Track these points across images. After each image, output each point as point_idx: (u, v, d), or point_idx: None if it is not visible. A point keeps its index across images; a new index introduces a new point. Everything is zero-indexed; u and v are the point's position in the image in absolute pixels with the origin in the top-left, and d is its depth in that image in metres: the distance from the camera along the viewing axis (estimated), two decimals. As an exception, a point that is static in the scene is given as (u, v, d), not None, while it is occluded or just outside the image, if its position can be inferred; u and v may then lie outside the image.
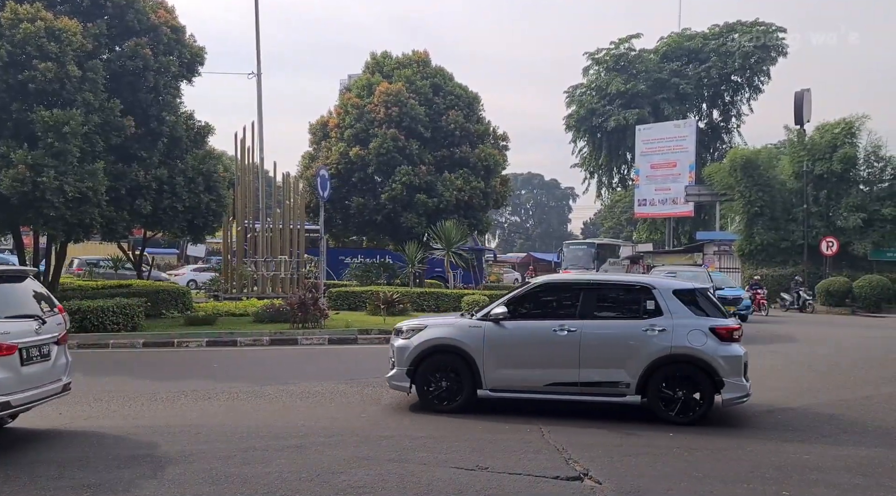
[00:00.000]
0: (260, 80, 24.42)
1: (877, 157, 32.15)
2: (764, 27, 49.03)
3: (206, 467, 5.50)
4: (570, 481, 5.25)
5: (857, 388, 9.83)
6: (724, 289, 22.13)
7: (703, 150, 50.69)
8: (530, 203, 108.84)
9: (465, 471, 5.45)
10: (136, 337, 13.82)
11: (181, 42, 18.04)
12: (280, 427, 7.00)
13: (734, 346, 7.39)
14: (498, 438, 6.56)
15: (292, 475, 5.30)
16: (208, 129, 19.63)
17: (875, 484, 5.28)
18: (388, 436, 6.60)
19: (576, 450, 6.10)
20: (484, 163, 27.87)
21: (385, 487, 5.04)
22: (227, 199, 19.89)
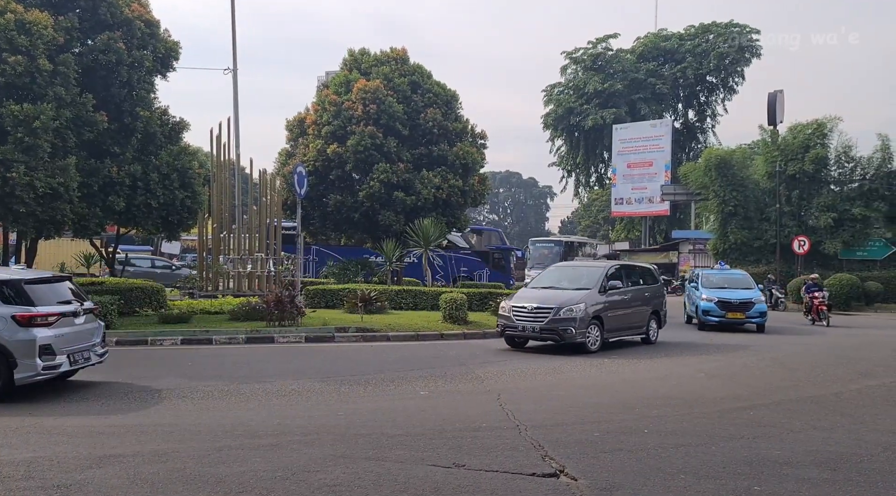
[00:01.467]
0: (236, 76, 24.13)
1: (847, 157, 32.77)
2: (738, 28, 49.74)
3: (179, 466, 5.44)
4: (546, 478, 5.28)
5: (827, 385, 10.01)
6: (729, 290, 19.25)
7: (679, 150, 51.29)
8: (508, 201, 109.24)
9: (442, 469, 5.45)
10: (109, 335, 13.54)
11: (155, 36, 17.81)
12: (255, 425, 6.95)
13: (32, 331, 7.97)
14: (475, 436, 6.57)
15: (267, 474, 5.26)
16: (183, 124, 19.41)
17: (843, 478, 5.38)
18: (364, 434, 6.58)
19: (552, 447, 6.13)
20: (462, 161, 27.88)
21: (361, 486, 5.02)
22: (203, 196, 19.69)
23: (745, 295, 18.97)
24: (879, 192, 31.90)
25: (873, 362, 12.57)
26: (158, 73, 18.36)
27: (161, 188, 17.48)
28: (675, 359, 12.78)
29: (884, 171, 32.19)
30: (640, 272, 15.79)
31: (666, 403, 8.47)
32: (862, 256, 31.83)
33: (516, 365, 11.53)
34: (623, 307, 14.04)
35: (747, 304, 18.61)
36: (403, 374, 10.34)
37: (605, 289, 13.50)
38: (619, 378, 10.57)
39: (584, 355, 12.82)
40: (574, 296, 13.15)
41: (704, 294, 19.20)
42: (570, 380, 10.23)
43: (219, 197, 20.85)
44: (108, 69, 16.17)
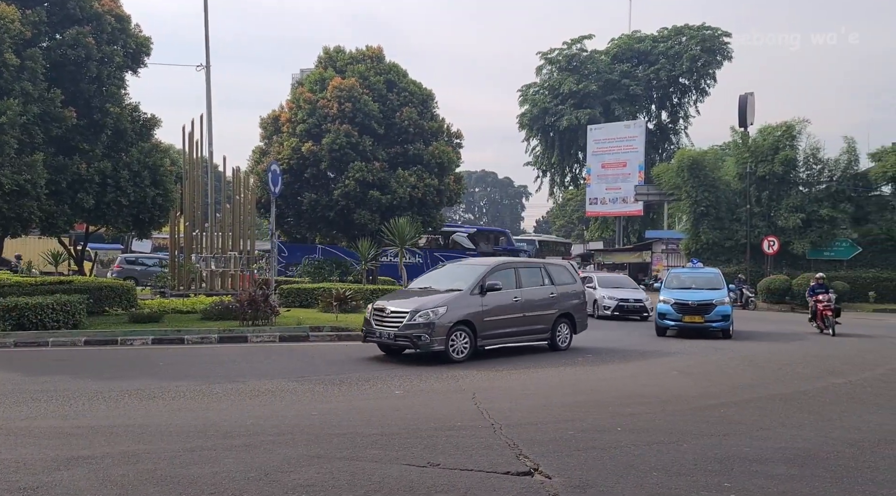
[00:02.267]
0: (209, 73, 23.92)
1: (815, 159, 33.42)
2: (710, 31, 50.42)
3: (150, 468, 5.36)
4: (520, 476, 5.30)
5: (795, 383, 10.20)
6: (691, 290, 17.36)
7: (652, 151, 51.85)
8: (484, 201, 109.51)
9: (417, 468, 5.45)
10: (77, 335, 13.38)
11: (126, 32, 17.56)
12: (228, 426, 6.88)
13: None
14: (450, 435, 6.57)
15: (240, 475, 5.21)
16: (155, 121, 19.16)
17: (810, 474, 5.49)
18: (339, 434, 6.55)
19: (527, 445, 6.16)
20: (438, 160, 27.90)
21: (336, 486, 5.00)
22: (175, 194, 19.46)
23: (706, 296, 16.90)
24: (846, 194, 32.59)
25: (841, 360, 12.83)
26: (129, 69, 18.11)
27: (132, 185, 17.22)
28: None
29: (850, 173, 32.89)
30: (547, 271, 13.70)
31: (639, 401, 8.56)
32: (829, 256, 32.48)
33: (491, 364, 11.56)
34: (512, 310, 12.42)
35: (706, 307, 16.55)
36: (378, 373, 10.31)
37: (483, 291, 11.95)
38: (593, 376, 10.65)
39: (560, 354, 12.90)
40: (438, 298, 11.70)
41: (662, 295, 17.52)
42: (545, 379, 10.28)
43: (191, 195, 20.62)
44: (77, 64, 15.89)
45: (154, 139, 19.65)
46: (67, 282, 17.72)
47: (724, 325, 16.53)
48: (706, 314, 16.47)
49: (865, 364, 12.30)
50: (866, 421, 7.67)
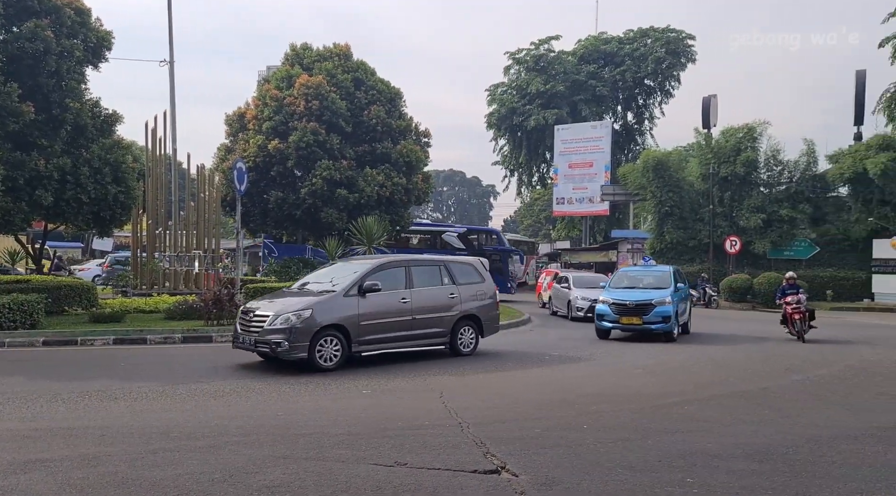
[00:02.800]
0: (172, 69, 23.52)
1: (776, 161, 34.17)
2: (675, 34, 51.17)
3: (111, 470, 5.25)
4: (487, 474, 5.32)
5: (756, 381, 10.41)
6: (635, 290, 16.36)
7: (619, 151, 52.43)
8: (452, 200, 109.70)
9: (384, 468, 5.43)
10: (35, 335, 13.05)
11: (86, 25, 17.17)
12: (192, 427, 6.77)
13: None
14: (418, 434, 6.57)
15: (205, 476, 5.14)
16: (116, 117, 18.78)
17: (770, 469, 5.61)
18: (305, 434, 6.49)
19: (495, 443, 6.18)
20: (406, 159, 27.86)
21: (302, 486, 4.96)
22: (137, 191, 19.10)
23: (646, 296, 15.73)
24: (805, 195, 33.38)
25: (800, 358, 13.14)
26: (89, 64, 17.71)
27: (92, 182, 16.85)
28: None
29: (809, 175, 33.70)
30: (448, 269, 12.45)
31: (604, 399, 8.67)
32: (789, 256, 33.24)
33: (458, 363, 11.58)
34: (398, 313, 11.31)
35: (645, 307, 15.37)
36: (345, 373, 10.25)
37: (361, 292, 10.84)
38: (559, 375, 10.74)
39: (531, 352, 12.97)
40: (304, 301, 10.75)
41: (602, 295, 16.66)
42: (512, 378, 10.34)
43: (154, 192, 20.27)
44: (35, 58, 15.49)
45: (116, 135, 19.25)
46: (25, 281, 17.26)
47: (664, 327, 15.30)
48: (644, 315, 15.32)
49: (824, 361, 12.61)
50: (824, 417, 7.87)
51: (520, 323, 19.32)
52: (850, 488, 5.15)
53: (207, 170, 23.25)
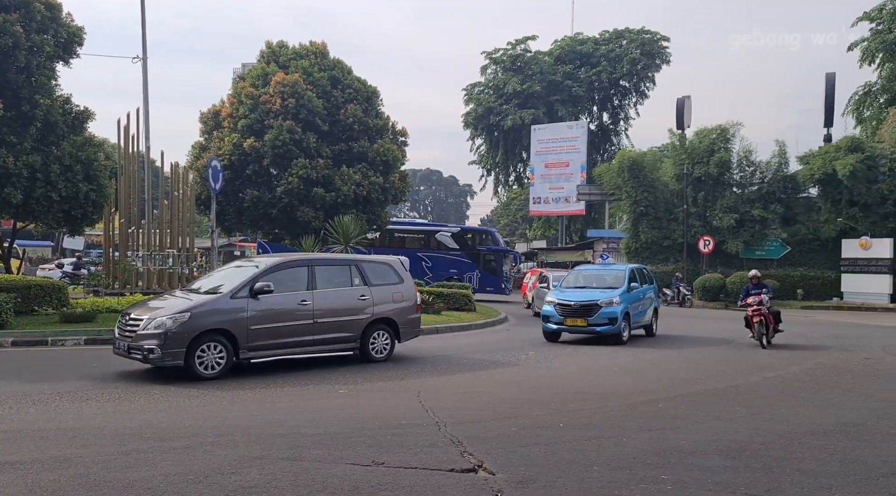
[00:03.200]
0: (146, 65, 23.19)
1: (748, 161, 34.68)
2: (650, 35, 51.72)
3: (82, 472, 5.18)
4: (464, 473, 5.34)
5: (727, 378, 10.56)
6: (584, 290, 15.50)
7: (594, 151, 52.84)
8: (429, 199, 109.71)
9: (361, 467, 5.42)
10: (4, 335, 12.78)
11: (57, 20, 16.86)
12: (166, 428, 6.69)
13: None
14: (395, 433, 6.56)
15: (179, 477, 5.08)
16: (88, 114, 18.48)
17: (742, 465, 5.70)
18: (281, 434, 6.45)
19: (472, 442, 6.20)
20: (383, 158, 27.79)
21: (278, 487, 4.93)
22: (109, 190, 18.83)
23: (593, 296, 14.92)
24: (776, 195, 33.93)
25: (771, 355, 13.35)
26: (60, 60, 17.40)
27: (63, 180, 16.57)
28: None
29: (780, 176, 34.26)
30: (360, 269, 11.50)
31: (580, 398, 8.73)
32: (761, 255, 33.75)
33: (436, 363, 11.59)
34: (297, 316, 10.42)
35: (589, 308, 14.60)
36: (322, 373, 10.21)
37: (252, 294, 9.94)
38: (535, 374, 10.80)
39: (508, 351, 13.01)
40: (182, 303, 9.92)
41: (549, 295, 15.98)
42: (489, 376, 10.37)
43: (127, 190, 19.98)
44: (3, 53, 15.18)
45: (87, 132, 18.94)
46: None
47: (610, 329, 14.49)
48: (589, 316, 14.52)
49: (793, 359, 12.84)
50: (794, 413, 8.01)
51: (494, 323, 19.30)
52: (819, 483, 5.25)
53: (182, 168, 22.98)
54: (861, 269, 30.58)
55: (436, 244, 32.13)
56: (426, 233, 33.63)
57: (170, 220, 20.40)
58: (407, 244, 32.69)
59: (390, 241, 32.30)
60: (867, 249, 30.31)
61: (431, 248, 31.80)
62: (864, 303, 29.59)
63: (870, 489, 5.15)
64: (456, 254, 31.46)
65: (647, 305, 16.60)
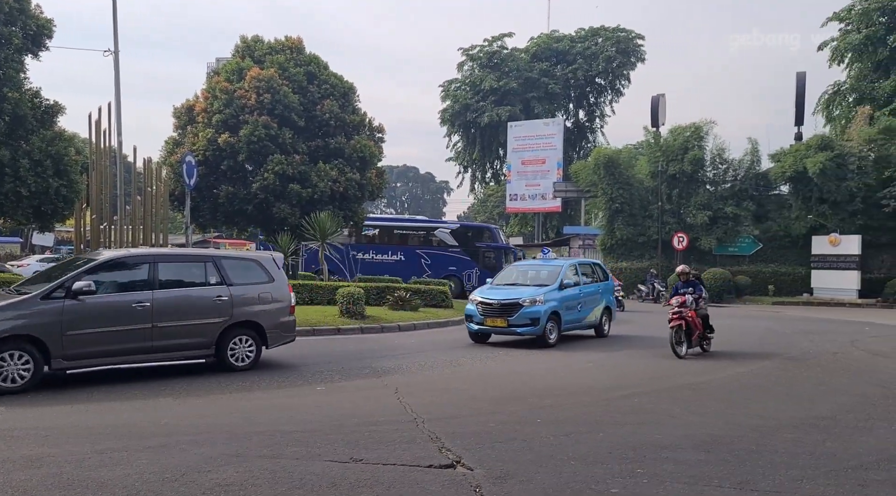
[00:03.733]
0: (117, 59, 22.79)
1: (721, 159, 35.14)
2: (625, 33, 52.10)
3: (55, 471, 5.10)
4: (443, 469, 5.36)
5: (700, 374, 10.70)
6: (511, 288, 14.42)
7: (570, 148, 53.13)
8: (406, 196, 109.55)
9: (339, 464, 5.41)
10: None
11: (25, 12, 16.54)
12: (142, 426, 6.62)
13: None
14: (373, 430, 6.56)
15: (154, 476, 5.03)
16: (58, 108, 18.16)
17: (716, 458, 5.79)
18: (259, 432, 6.41)
19: (450, 438, 6.22)
20: (360, 154, 27.66)
21: (256, 484, 4.90)
22: (80, 185, 18.52)
23: (517, 294, 13.77)
24: (749, 193, 34.45)
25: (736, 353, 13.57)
26: (29, 52, 17.07)
27: (32, 175, 16.27)
28: None
29: (752, 173, 34.78)
30: (218, 266, 10.12)
31: (557, 393, 8.80)
32: (733, 252, 34.25)
33: (414, 358, 11.60)
34: (130, 320, 9.06)
35: (510, 308, 13.46)
36: (299, 370, 10.16)
37: (72, 294, 8.65)
38: (513, 369, 10.86)
39: (484, 347, 13.06)
40: None
41: (473, 293, 14.95)
42: (467, 373, 10.40)
43: (98, 186, 19.64)
44: (-30, 45, 14.85)
45: (58, 127, 18.61)
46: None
47: (532, 330, 13.42)
48: (510, 316, 13.40)
49: (766, 353, 13.06)
50: (766, 407, 8.15)
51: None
52: (790, 475, 5.35)
53: (155, 163, 22.66)
54: (830, 266, 31.18)
55: (435, 241, 31.36)
56: (426, 229, 32.64)
57: (143, 216, 20.12)
58: (407, 241, 31.92)
59: (389, 238, 31.77)
60: (836, 246, 30.91)
61: (431, 245, 31.10)
62: (833, 298, 30.18)
63: (839, 481, 5.26)
64: (455, 251, 30.64)
65: (594, 304, 15.51)
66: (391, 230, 32.47)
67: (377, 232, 31.59)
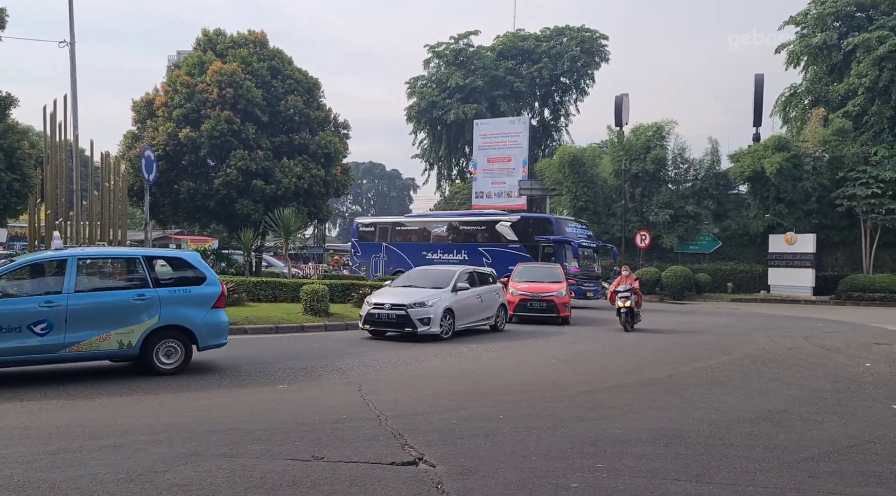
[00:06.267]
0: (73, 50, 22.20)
1: (682, 159, 35.77)
2: (589, 33, 52.55)
3: (4, 473, 4.95)
4: (405, 466, 5.35)
5: (661, 369, 10.88)
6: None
7: (536, 147, 53.43)
8: (372, 192, 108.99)
9: (301, 463, 5.36)
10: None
11: (-23, 0, 16.01)
12: (96, 426, 6.47)
13: None
14: (336, 428, 6.51)
15: (109, 476, 4.92)
16: (10, 100, 17.65)
17: (674, 453, 5.90)
18: (219, 431, 6.32)
19: (412, 435, 6.21)
20: (324, 150, 27.48)
21: (214, 484, 4.83)
22: (34, 179, 18.03)
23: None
24: (709, 192, 35.13)
25: (703, 346, 13.82)
26: (-20, 41, 16.54)
27: (-16, 169, 15.77)
28: None
29: (712, 173, 35.48)
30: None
31: (520, 389, 8.85)
32: (694, 250, 34.89)
33: (378, 356, 11.55)
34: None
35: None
36: (261, 368, 10.04)
37: None
38: (476, 366, 10.89)
39: (441, 343, 13.08)
40: None
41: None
42: (431, 370, 10.40)
43: (53, 180, 19.16)
44: (-83, 33, 14.32)
45: (10, 119, 18.07)
46: None
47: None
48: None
49: (724, 349, 13.33)
50: (723, 402, 8.32)
51: None
52: (745, 468, 5.47)
53: (113, 158, 22.16)
54: (787, 264, 31.97)
55: (496, 236, 27.60)
56: (488, 223, 28.48)
57: (100, 211, 19.66)
58: (471, 238, 28.39)
59: (455, 235, 28.71)
60: (792, 244, 31.70)
61: (492, 241, 27.54)
62: (789, 295, 30.96)
63: (791, 472, 5.40)
64: (515, 247, 26.86)
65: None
66: (457, 226, 29.14)
67: (444, 229, 28.99)
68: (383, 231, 30.55)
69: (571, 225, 27.50)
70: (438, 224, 30.06)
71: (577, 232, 27.30)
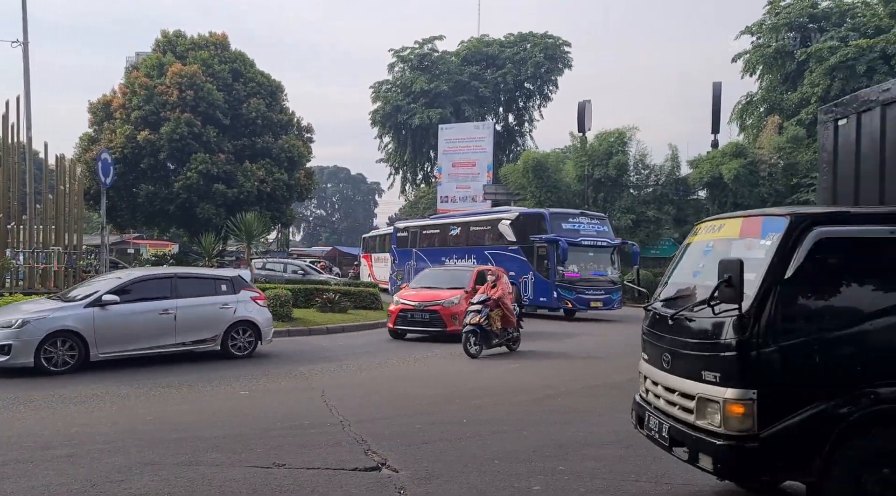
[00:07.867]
0: (27, 50, 21.65)
1: (643, 164, 36.33)
2: (552, 40, 53.15)
3: (-48, 488, 4.78)
4: (368, 471, 5.31)
5: (620, 373, 10.98)
6: None
7: (500, 152, 53.73)
8: (336, 196, 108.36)
9: (262, 470, 5.29)
10: None
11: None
12: (48, 435, 6.28)
13: None
14: (298, 434, 6.44)
15: (62, 487, 4.78)
16: (-39, 99, 17.05)
17: (634, 454, 5.97)
18: (177, 439, 6.19)
19: (375, 440, 6.18)
20: (288, 154, 27.25)
21: (172, 493, 4.73)
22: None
23: None
24: (669, 197, 35.73)
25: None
26: (-71, 39, 15.99)
27: (-68, 171, 15.23)
28: None
29: (673, 178, 36.10)
30: None
31: (484, 394, 8.86)
32: (655, 254, 35.42)
33: (341, 361, 11.46)
34: None
35: None
36: (222, 374, 9.87)
37: None
38: (441, 371, 10.88)
39: (413, 349, 13.04)
40: None
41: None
42: (395, 375, 10.35)
43: (5, 183, 18.58)
44: None
45: (-40, 120, 17.51)
46: None
47: None
48: None
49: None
50: (683, 403, 8.44)
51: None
52: (704, 468, 5.56)
53: (68, 160, 21.60)
54: (744, 267, 32.59)
55: (498, 237, 23.82)
56: (491, 222, 24.54)
57: (55, 215, 19.14)
58: (480, 240, 24.74)
59: (468, 238, 25.02)
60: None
61: (495, 242, 23.78)
62: (746, 298, 31.57)
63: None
64: (513, 249, 22.97)
65: None
66: (468, 226, 25.60)
67: (458, 231, 25.55)
68: (414, 236, 27.05)
69: (573, 220, 22.70)
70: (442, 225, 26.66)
71: (581, 228, 22.72)
